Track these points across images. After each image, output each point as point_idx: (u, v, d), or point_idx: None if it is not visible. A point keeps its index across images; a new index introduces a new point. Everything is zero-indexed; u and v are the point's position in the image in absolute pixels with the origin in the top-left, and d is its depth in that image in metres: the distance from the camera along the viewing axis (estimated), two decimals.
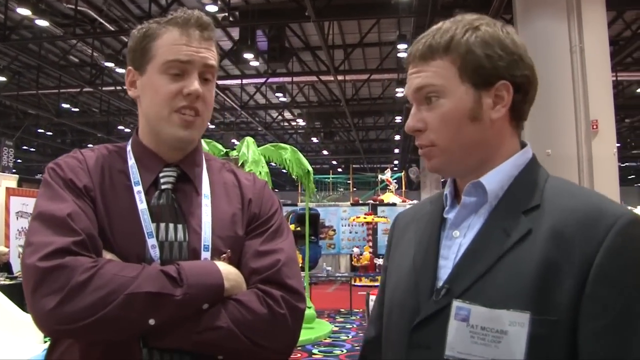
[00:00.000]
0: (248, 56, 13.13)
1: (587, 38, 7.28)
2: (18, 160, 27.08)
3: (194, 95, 1.26)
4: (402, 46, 13.48)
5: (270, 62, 13.82)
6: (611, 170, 7.40)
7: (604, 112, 7.36)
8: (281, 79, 17.41)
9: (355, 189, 24.42)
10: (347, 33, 14.79)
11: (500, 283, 0.96)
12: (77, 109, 21.29)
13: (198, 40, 1.28)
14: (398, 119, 22.33)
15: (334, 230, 17.16)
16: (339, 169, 35.57)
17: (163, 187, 1.29)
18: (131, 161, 1.32)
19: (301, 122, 24.57)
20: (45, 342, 4.92)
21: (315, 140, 27.17)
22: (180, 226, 1.26)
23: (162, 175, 1.31)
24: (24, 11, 10.95)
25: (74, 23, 12.51)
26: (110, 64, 14.88)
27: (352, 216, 16.35)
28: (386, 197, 18.01)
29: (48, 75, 17.91)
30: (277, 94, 19.28)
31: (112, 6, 12.08)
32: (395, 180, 19.82)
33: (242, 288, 1.22)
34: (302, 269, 9.47)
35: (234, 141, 18.96)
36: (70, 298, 1.06)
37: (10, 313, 5.79)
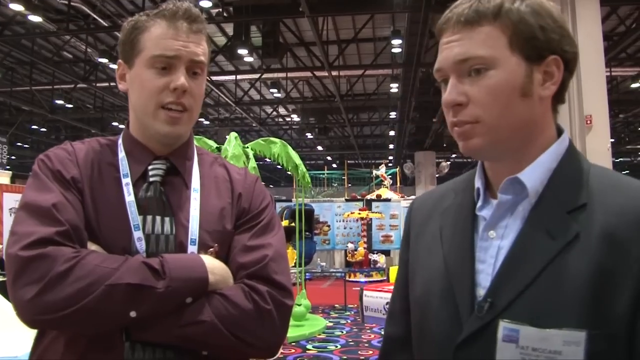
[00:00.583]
0: (242, 52, 13.10)
1: (581, 33, 7.31)
2: (12, 157, 26.95)
3: (180, 90, 1.24)
4: (397, 41, 13.50)
5: (264, 58, 13.78)
6: (605, 165, 7.33)
7: (598, 108, 7.40)
8: (275, 75, 17.38)
9: (350, 185, 24.42)
10: (342, 29, 14.76)
11: (549, 295, 0.88)
12: (71, 105, 21.17)
13: (186, 33, 1.25)
14: (392, 115, 22.32)
15: (329, 226, 17.17)
16: (334, 165, 35.56)
17: (151, 180, 1.27)
18: (121, 154, 1.31)
19: (296, 118, 24.54)
20: None
21: (309, 136, 27.16)
22: (167, 219, 1.24)
23: (151, 167, 1.29)
24: (17, 7, 10.85)
25: (67, 19, 12.45)
26: (104, 60, 14.81)
27: (347, 212, 16.37)
28: (382, 192, 18.03)
29: (41, 71, 17.81)
30: (272, 90, 19.25)
31: (106, 2, 12.05)
32: (390, 175, 19.83)
33: (229, 282, 1.20)
34: (299, 265, 9.48)
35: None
36: (50, 288, 1.06)
37: (2, 309, 5.77)
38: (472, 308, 0.95)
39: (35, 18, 11.61)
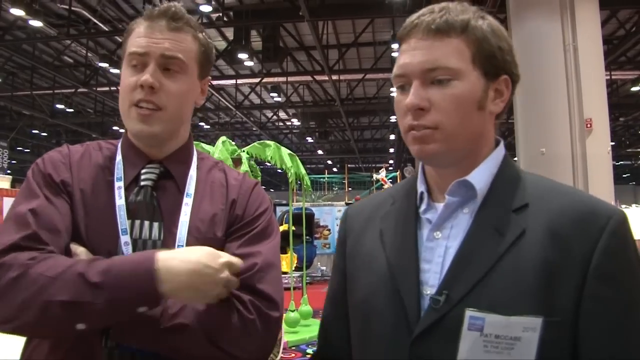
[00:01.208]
0: (242, 56, 13.11)
1: (581, 37, 7.31)
2: (12, 161, 26.97)
3: (146, 86, 1.21)
4: (396, 46, 13.43)
5: (264, 62, 13.80)
6: (605, 168, 7.43)
7: (598, 111, 7.39)
8: (276, 79, 17.40)
9: (350, 189, 24.40)
10: (342, 33, 14.78)
11: (501, 286, 0.93)
12: (72, 110, 21.21)
13: (162, 31, 1.24)
14: (393, 119, 22.29)
15: (329, 230, 17.13)
16: (334, 169, 35.54)
17: (142, 184, 1.26)
18: (119, 157, 1.30)
19: (296, 122, 24.54)
20: None
21: (310, 140, 27.14)
22: (156, 224, 1.22)
23: (144, 171, 1.28)
24: (18, 11, 10.87)
25: (68, 23, 12.48)
26: (104, 65, 14.85)
27: None
28: None
29: (42, 75, 17.84)
30: (272, 94, 19.25)
31: (106, 6, 12.05)
32: (390, 179, 19.81)
33: (197, 289, 1.07)
34: (300, 269, 9.46)
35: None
36: (1, 298, 1.04)
37: None
38: (420, 306, 0.99)
39: (36, 23, 11.62)
